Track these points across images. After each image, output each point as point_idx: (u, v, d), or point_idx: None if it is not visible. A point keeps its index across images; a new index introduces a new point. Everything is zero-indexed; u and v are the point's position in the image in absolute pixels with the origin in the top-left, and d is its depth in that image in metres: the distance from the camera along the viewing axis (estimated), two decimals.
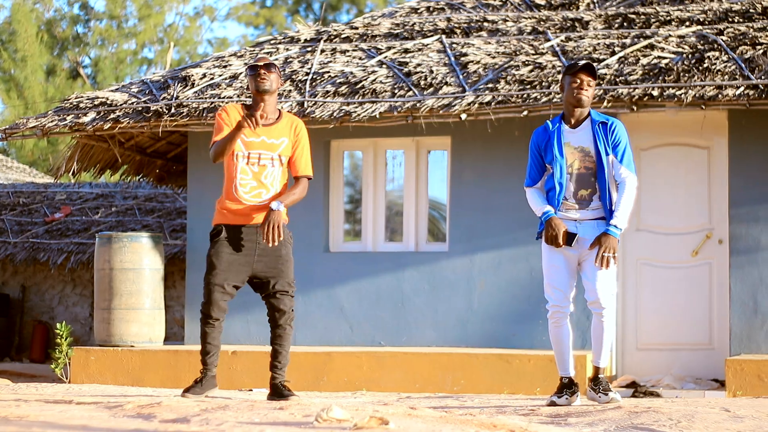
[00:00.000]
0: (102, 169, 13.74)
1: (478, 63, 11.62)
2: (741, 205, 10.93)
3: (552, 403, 7.55)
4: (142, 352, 11.38)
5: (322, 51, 12.51)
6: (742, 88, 10.54)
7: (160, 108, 11.92)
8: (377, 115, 11.28)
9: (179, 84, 12.30)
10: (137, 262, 11.58)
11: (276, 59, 12.46)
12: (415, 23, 12.87)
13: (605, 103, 10.66)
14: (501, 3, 13.17)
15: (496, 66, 11.53)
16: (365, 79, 11.70)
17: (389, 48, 12.32)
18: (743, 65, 10.77)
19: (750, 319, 10.83)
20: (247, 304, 11.18)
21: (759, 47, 11.02)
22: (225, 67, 12.58)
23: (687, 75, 10.83)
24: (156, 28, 33.57)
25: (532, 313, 11.29)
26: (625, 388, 10.64)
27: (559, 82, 7.80)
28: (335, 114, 11.38)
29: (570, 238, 7.47)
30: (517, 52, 11.74)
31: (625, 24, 12.12)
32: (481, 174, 11.64)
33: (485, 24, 12.59)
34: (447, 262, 11.67)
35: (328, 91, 11.66)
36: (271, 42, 13.14)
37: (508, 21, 12.59)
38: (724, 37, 11.31)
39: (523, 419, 6.44)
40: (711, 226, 11.24)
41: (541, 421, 6.41)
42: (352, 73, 11.86)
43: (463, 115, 11.07)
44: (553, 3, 12.94)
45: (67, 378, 11.29)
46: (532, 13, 12.71)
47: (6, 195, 19.90)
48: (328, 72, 11.96)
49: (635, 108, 10.69)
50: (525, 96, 11.03)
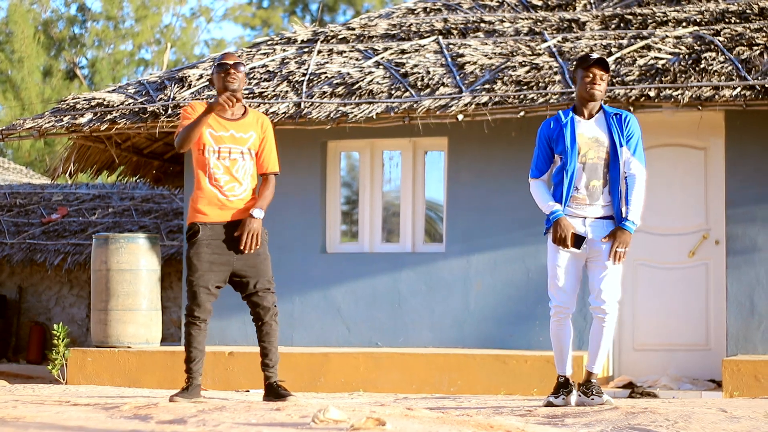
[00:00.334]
0: (99, 170, 13.74)
1: (475, 64, 11.62)
2: (738, 206, 10.93)
3: (549, 404, 7.51)
4: (139, 353, 11.38)
5: (319, 52, 12.51)
6: (739, 89, 10.54)
7: (157, 109, 11.92)
8: (374, 116, 11.28)
9: (176, 85, 12.30)
10: (134, 263, 11.57)
11: (273, 60, 12.47)
12: (411, 24, 12.88)
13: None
14: (498, 4, 13.17)
15: (493, 67, 11.53)
16: (362, 80, 11.70)
17: (386, 49, 12.33)
18: (740, 66, 10.77)
19: (746, 320, 10.84)
20: (243, 305, 11.06)
21: (756, 48, 11.03)
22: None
23: (684, 76, 10.84)
24: (153, 29, 33.55)
25: (529, 314, 11.29)
26: (621, 388, 10.64)
27: (572, 75, 7.71)
28: (332, 115, 11.38)
29: (579, 241, 7.32)
30: (514, 53, 11.74)
31: (621, 25, 12.12)
32: (478, 175, 11.65)
33: (482, 25, 12.59)
34: (444, 262, 11.67)
35: (324, 92, 11.66)
36: (268, 43, 13.13)
37: (504, 22, 12.59)
38: (721, 38, 11.32)
39: (520, 420, 6.44)
40: (708, 226, 11.25)
41: (538, 422, 6.41)
42: (348, 73, 11.86)
43: (460, 116, 11.07)
44: (549, 4, 12.94)
45: (64, 379, 11.29)
46: (528, 14, 12.72)
47: (3, 196, 19.88)
48: (325, 73, 11.96)
49: (632, 109, 10.69)
50: (522, 97, 11.03)
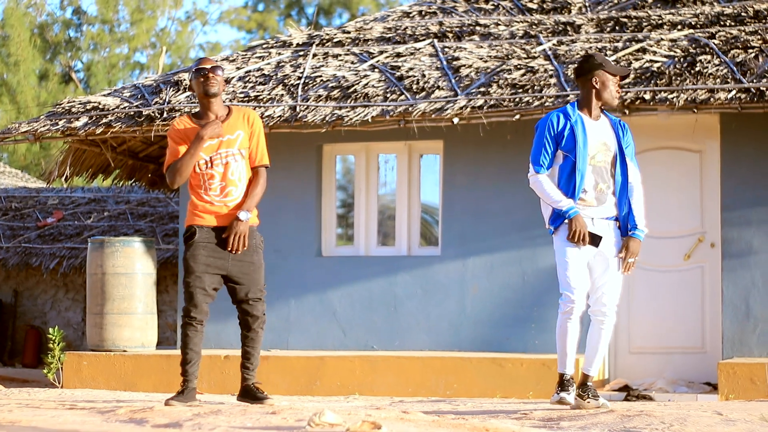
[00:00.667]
0: (94, 174, 13.73)
1: (470, 67, 11.63)
2: (733, 209, 10.94)
3: (561, 401, 7.38)
4: (135, 356, 11.37)
5: (314, 55, 12.51)
6: (734, 92, 10.55)
7: (152, 112, 11.92)
8: (369, 120, 11.28)
9: (171, 88, 12.29)
10: (130, 267, 11.56)
11: (268, 63, 12.47)
12: (407, 27, 12.88)
13: None
14: (493, 7, 13.17)
15: (488, 70, 11.53)
16: (357, 83, 11.70)
17: (381, 52, 12.32)
18: (735, 69, 10.78)
19: (742, 323, 10.84)
20: None
21: (751, 51, 11.04)
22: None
23: (679, 79, 10.85)
24: (148, 32, 33.55)
25: (525, 317, 11.29)
26: (617, 391, 10.64)
27: (590, 72, 7.62)
28: (327, 118, 11.38)
29: (596, 239, 7.29)
30: (509, 56, 11.74)
31: (617, 28, 12.13)
32: (473, 178, 11.65)
33: (477, 28, 12.60)
34: (440, 266, 11.67)
35: (320, 96, 11.66)
36: (263, 46, 13.13)
37: (500, 25, 12.59)
38: (716, 41, 11.33)
39: (516, 423, 6.44)
40: (703, 229, 11.25)
41: (534, 425, 6.41)
42: (344, 77, 11.86)
43: (456, 119, 11.08)
44: (545, 7, 12.95)
45: (59, 383, 11.28)
46: (524, 17, 12.72)
47: None
48: (321, 76, 11.96)
49: (627, 112, 10.70)
50: (517, 100, 11.04)
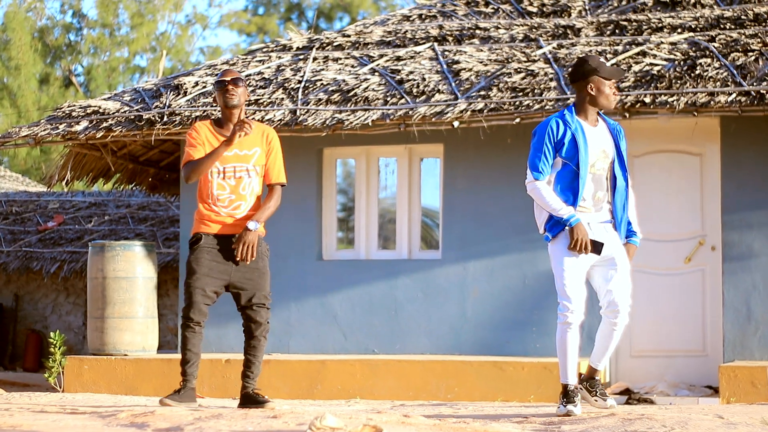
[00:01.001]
0: (95, 178, 13.74)
1: (471, 70, 11.63)
2: (733, 212, 10.94)
3: (568, 413, 7.19)
4: (136, 360, 11.36)
5: (315, 59, 12.51)
6: (734, 95, 10.55)
7: (153, 116, 11.92)
8: (370, 123, 11.28)
9: (171, 92, 12.29)
10: (130, 271, 11.56)
11: (268, 67, 12.47)
12: (407, 31, 12.88)
13: None
14: (493, 10, 13.18)
15: (489, 73, 11.54)
16: (357, 87, 11.71)
17: (381, 56, 12.33)
18: (735, 72, 10.78)
19: (743, 326, 10.84)
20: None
21: (751, 54, 11.04)
22: (217, 75, 12.57)
23: (679, 82, 10.85)
24: (148, 36, 33.55)
25: (526, 321, 11.29)
26: (618, 395, 10.63)
27: (585, 77, 7.39)
28: (327, 122, 11.39)
29: (598, 246, 7.20)
30: (509, 60, 11.75)
31: (617, 31, 12.13)
32: (473, 181, 11.65)
33: (477, 31, 12.60)
34: (440, 269, 11.66)
35: (320, 99, 11.67)
36: (263, 50, 13.13)
37: (500, 28, 12.60)
38: (716, 44, 11.33)
39: (517, 427, 6.44)
40: (704, 232, 11.25)
41: (535, 429, 6.41)
42: (344, 80, 11.86)
43: (456, 123, 11.08)
44: (544, 10, 12.95)
45: (60, 387, 11.27)
46: (524, 21, 12.72)
47: None
48: (321, 80, 11.96)
49: (627, 115, 10.70)
50: (517, 103, 11.04)
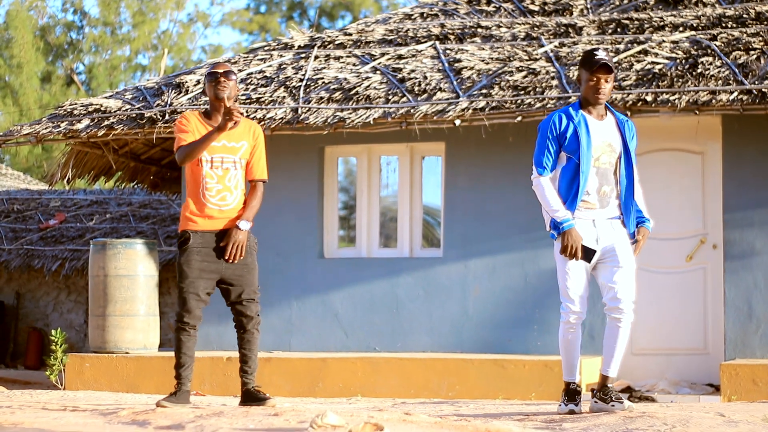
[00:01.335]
0: (96, 176, 13.75)
1: (472, 69, 11.63)
2: (735, 210, 10.94)
3: (571, 412, 7.22)
4: (137, 358, 11.37)
5: (316, 57, 12.51)
6: (736, 94, 10.55)
7: (154, 115, 11.92)
8: (371, 121, 11.29)
9: (173, 91, 12.30)
10: (132, 269, 11.56)
11: (270, 65, 12.47)
12: (408, 29, 12.88)
13: None
14: (494, 9, 13.18)
15: (490, 72, 11.54)
16: (359, 85, 11.71)
17: (383, 54, 12.33)
18: (737, 70, 10.78)
19: (744, 324, 10.84)
20: None
21: (752, 52, 11.04)
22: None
23: (681, 80, 10.85)
24: (150, 34, 33.54)
25: (527, 319, 11.29)
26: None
27: (577, 73, 7.46)
28: (329, 120, 11.39)
29: (589, 254, 7.13)
30: (511, 58, 11.75)
31: (618, 29, 12.13)
32: (475, 180, 11.65)
33: (479, 30, 12.60)
34: (441, 267, 11.67)
35: (322, 98, 11.67)
36: (265, 48, 13.14)
37: (501, 27, 12.60)
38: (718, 43, 11.33)
39: (518, 425, 6.44)
40: (705, 231, 11.25)
41: (536, 427, 6.41)
42: (346, 79, 11.86)
43: (457, 121, 11.08)
44: (546, 9, 12.95)
45: (61, 385, 11.28)
46: (525, 19, 12.72)
47: (0, 202, 19.89)
48: (322, 78, 11.96)
49: (629, 113, 10.70)
50: (519, 102, 11.04)
